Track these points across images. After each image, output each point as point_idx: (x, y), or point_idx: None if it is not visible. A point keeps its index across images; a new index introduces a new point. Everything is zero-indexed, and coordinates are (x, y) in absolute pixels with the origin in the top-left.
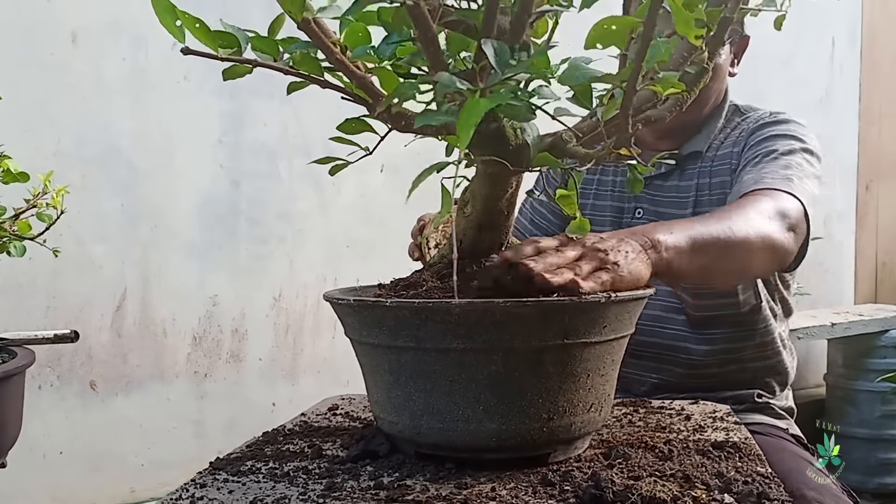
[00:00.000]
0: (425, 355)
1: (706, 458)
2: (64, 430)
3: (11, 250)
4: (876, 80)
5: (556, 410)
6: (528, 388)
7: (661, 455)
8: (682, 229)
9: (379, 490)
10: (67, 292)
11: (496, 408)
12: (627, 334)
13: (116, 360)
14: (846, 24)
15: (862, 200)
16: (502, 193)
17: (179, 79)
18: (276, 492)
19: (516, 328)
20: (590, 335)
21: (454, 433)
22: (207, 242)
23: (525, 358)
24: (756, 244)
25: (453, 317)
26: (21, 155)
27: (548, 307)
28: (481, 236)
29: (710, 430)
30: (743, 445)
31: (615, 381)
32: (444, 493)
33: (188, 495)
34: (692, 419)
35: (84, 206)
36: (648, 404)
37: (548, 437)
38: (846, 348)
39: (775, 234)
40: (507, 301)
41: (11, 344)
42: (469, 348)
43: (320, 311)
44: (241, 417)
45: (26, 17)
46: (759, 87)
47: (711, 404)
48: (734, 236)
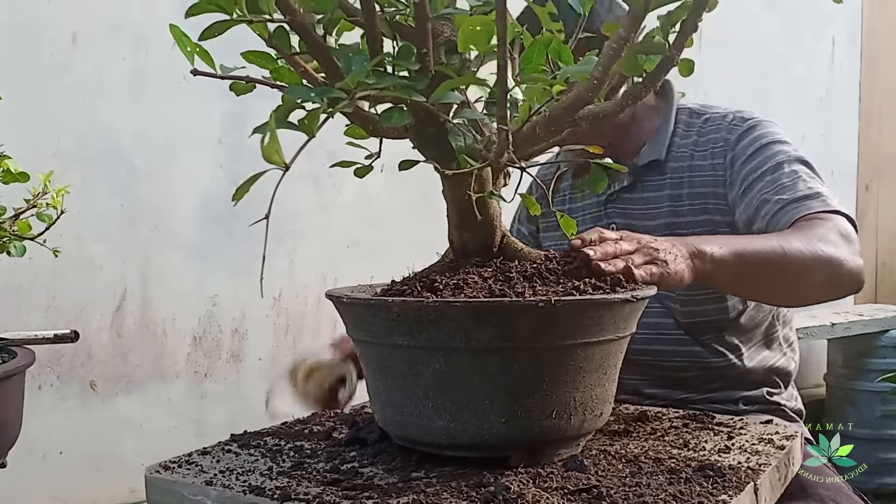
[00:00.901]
0: (381, 350)
1: (677, 481)
2: (64, 430)
3: (11, 250)
4: (876, 80)
5: (510, 414)
6: (472, 388)
7: (631, 472)
8: (733, 245)
9: (328, 473)
10: (67, 292)
11: (443, 406)
12: (591, 341)
13: (116, 360)
14: (846, 24)
15: (862, 200)
16: (463, 194)
17: (179, 79)
18: (253, 464)
19: (452, 328)
20: (537, 340)
21: (409, 427)
22: (207, 242)
23: (467, 358)
24: (812, 265)
25: (394, 314)
26: (21, 155)
27: (478, 308)
28: (464, 236)
29: (729, 452)
30: (734, 470)
31: (593, 390)
32: (379, 483)
33: (186, 457)
34: (733, 438)
35: (84, 206)
36: (709, 419)
37: (502, 440)
38: (846, 348)
39: (840, 254)
40: (437, 300)
41: (11, 344)
42: (413, 345)
43: (320, 311)
44: (241, 417)
45: (26, 17)
46: (759, 87)
47: (784, 424)
48: (787, 256)
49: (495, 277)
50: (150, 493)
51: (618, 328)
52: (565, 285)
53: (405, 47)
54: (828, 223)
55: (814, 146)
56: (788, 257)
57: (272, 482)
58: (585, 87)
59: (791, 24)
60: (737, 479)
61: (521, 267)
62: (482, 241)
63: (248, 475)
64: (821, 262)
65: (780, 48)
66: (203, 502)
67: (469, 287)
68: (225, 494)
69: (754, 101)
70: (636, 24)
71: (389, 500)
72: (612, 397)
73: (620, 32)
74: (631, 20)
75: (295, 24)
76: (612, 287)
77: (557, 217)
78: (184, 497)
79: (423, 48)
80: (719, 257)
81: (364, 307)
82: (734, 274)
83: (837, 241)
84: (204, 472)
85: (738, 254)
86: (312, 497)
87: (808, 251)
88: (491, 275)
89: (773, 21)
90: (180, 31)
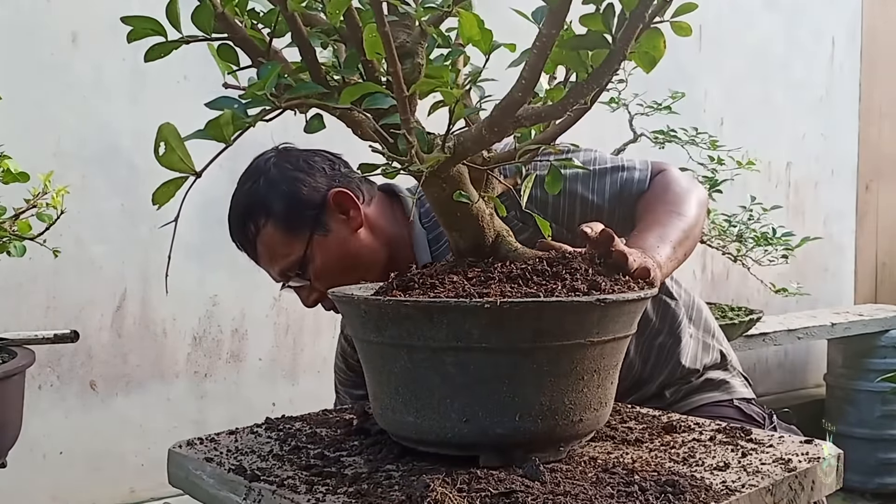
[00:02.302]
0: (360, 344)
1: (624, 496)
2: (64, 430)
3: (11, 250)
4: (876, 80)
5: (470, 414)
6: (433, 387)
7: (590, 483)
8: (663, 240)
9: (312, 459)
10: (67, 292)
11: (411, 402)
12: (554, 345)
13: (116, 360)
14: (846, 24)
15: (862, 200)
16: (441, 193)
17: (179, 79)
18: (261, 446)
19: (409, 327)
20: (489, 340)
21: (386, 420)
22: (208, 242)
23: (427, 357)
24: (702, 211)
25: (362, 311)
26: (21, 155)
27: (427, 307)
28: (453, 236)
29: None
30: (701, 489)
31: (564, 395)
32: (347, 472)
33: (214, 435)
34: (747, 456)
35: (84, 206)
36: (743, 434)
37: (464, 439)
38: (846, 348)
39: (700, 188)
40: (391, 299)
41: (11, 344)
42: (382, 342)
43: (320, 311)
44: (241, 417)
45: (26, 17)
46: (759, 87)
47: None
48: (690, 218)
49: (477, 278)
50: (169, 465)
51: (588, 333)
52: (551, 287)
53: (350, 55)
54: (668, 172)
55: (814, 146)
56: (692, 220)
57: (260, 463)
58: (517, 88)
59: (791, 24)
60: (693, 499)
61: (507, 267)
62: (472, 240)
63: (247, 456)
64: (702, 206)
65: (780, 48)
66: (200, 477)
67: (442, 287)
68: (215, 471)
69: (754, 101)
70: (556, 19)
71: (340, 488)
72: (598, 403)
73: (542, 29)
74: (549, 16)
75: (237, 41)
76: (588, 290)
77: (537, 220)
78: (189, 471)
79: (363, 56)
80: (667, 257)
81: (345, 304)
82: (678, 263)
83: (690, 184)
84: (215, 450)
85: (674, 246)
86: (280, 480)
87: (695, 209)
88: (475, 275)
89: (773, 21)
90: (213, 48)
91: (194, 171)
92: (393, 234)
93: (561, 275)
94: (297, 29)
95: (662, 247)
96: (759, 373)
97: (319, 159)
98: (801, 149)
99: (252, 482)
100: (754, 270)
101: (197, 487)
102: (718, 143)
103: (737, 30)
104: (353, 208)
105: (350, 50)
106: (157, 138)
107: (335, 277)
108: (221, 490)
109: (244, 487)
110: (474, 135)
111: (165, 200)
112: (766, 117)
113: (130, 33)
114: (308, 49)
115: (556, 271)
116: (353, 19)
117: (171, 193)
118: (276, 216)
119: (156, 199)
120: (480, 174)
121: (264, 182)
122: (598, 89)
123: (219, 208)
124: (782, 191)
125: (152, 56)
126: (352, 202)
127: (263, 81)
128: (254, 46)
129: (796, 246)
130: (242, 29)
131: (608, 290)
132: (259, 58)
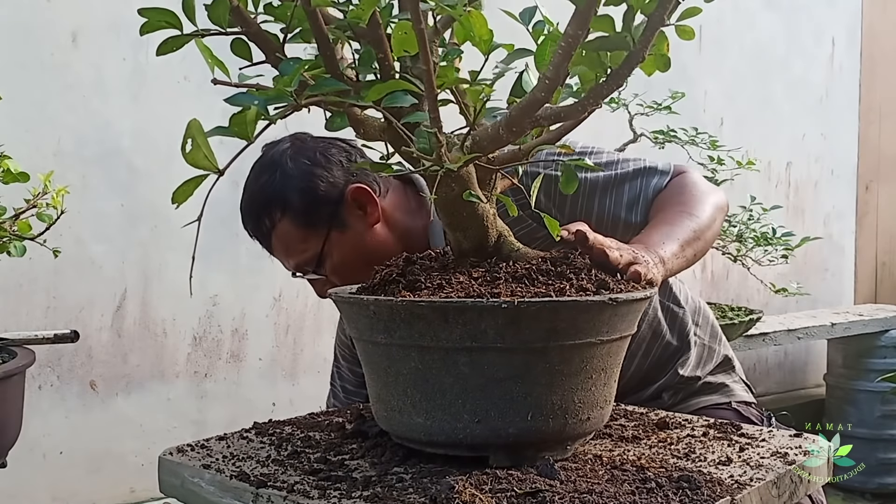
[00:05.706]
0: (367, 346)
1: (645, 492)
2: (64, 430)
3: (11, 250)
4: (876, 80)
5: (482, 414)
6: (445, 387)
7: (606, 480)
8: (669, 238)
9: (315, 464)
10: (67, 292)
11: (420, 403)
12: (567, 344)
13: (116, 360)
14: (846, 24)
15: (862, 200)
16: (443, 194)
17: (180, 79)
18: (257, 451)
19: (423, 327)
20: (505, 340)
21: (394, 422)
22: (208, 243)
23: (439, 357)
24: (718, 215)
25: (371, 312)
26: (21, 155)
27: (443, 308)
28: (456, 236)
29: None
30: (714, 483)
31: (574, 394)
32: (356, 476)
33: (203, 441)
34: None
35: (84, 206)
36: (734, 429)
37: (476, 440)
38: (846, 348)
39: (720, 193)
40: (405, 300)
41: (11, 344)
42: (391, 343)
43: (320, 311)
44: (242, 417)
45: (26, 17)
46: (759, 88)
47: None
48: (703, 220)
49: (483, 278)
50: (161, 473)
51: (599, 332)
52: (559, 286)
53: (365, 53)
54: (685, 175)
55: (814, 146)
56: (704, 221)
57: (262, 469)
58: (539, 88)
59: (791, 25)
60: (710, 493)
61: (512, 267)
62: (475, 240)
63: (245, 461)
64: (719, 211)
65: (780, 48)
66: (198, 484)
67: (451, 287)
68: (216, 478)
69: (754, 102)
70: (583, 20)
71: (354, 492)
72: (603, 402)
73: (568, 30)
74: (576, 17)
75: (251, 35)
76: (596, 290)
77: (544, 220)
78: (185, 479)
79: (380, 53)
80: (671, 254)
81: (348, 304)
82: (686, 262)
83: (703, 184)
84: (209, 456)
85: (682, 245)
86: (288, 486)
87: (709, 211)
88: (480, 275)
89: (773, 21)
90: (203, 45)
91: (217, 169)
92: (409, 225)
93: (566, 274)
94: (318, 25)
95: (668, 243)
96: (758, 373)
97: (336, 151)
98: (801, 149)
99: (259, 488)
100: (754, 270)
101: (194, 495)
102: (718, 143)
103: (737, 30)
104: (370, 203)
105: (365, 47)
106: (185, 135)
107: (352, 272)
108: (224, 497)
109: (251, 494)
110: (491, 134)
111: (185, 199)
112: (765, 117)
113: (144, 25)
114: (327, 45)
115: (561, 271)
116: (374, 17)
117: (190, 192)
118: (293, 212)
119: (175, 198)
120: (484, 174)
121: (280, 176)
122: (614, 90)
123: (219, 208)
124: (782, 191)
125: (165, 50)
126: (369, 197)
127: (290, 77)
128: (268, 41)
129: (796, 246)
130: (256, 24)
131: (616, 289)
132: (275, 53)
